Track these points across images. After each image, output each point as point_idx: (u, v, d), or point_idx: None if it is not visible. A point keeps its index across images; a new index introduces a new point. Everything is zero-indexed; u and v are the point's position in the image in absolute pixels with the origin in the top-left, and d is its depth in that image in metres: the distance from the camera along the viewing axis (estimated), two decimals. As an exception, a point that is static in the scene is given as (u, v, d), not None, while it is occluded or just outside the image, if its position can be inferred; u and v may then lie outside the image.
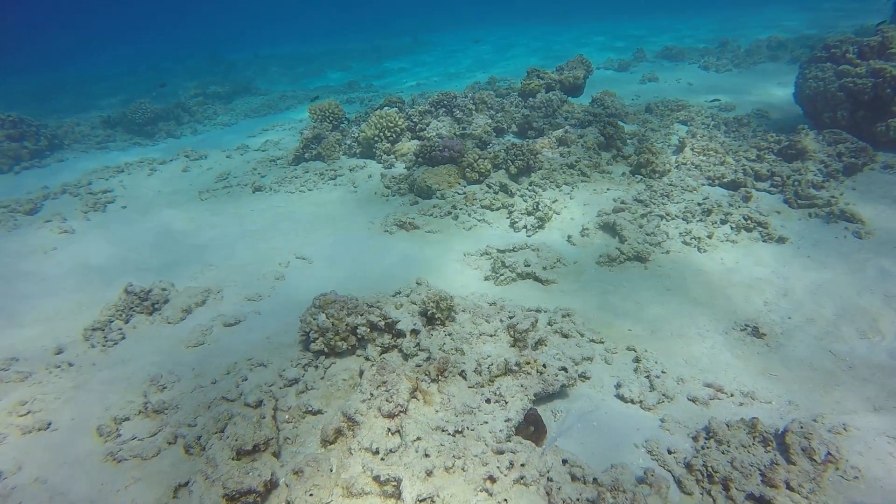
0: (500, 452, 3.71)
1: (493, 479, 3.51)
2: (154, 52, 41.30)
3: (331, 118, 12.86)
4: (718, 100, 13.86)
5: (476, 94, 12.56)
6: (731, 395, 4.79)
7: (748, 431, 4.01)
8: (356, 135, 11.87)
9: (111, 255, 8.65)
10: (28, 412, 5.02)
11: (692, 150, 9.90)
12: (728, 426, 4.09)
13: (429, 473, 3.56)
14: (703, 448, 4.01)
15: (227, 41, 45.60)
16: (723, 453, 3.88)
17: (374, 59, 33.58)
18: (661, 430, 4.33)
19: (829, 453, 3.73)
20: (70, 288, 7.65)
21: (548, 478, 3.53)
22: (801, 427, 3.84)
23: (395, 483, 3.49)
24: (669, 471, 3.94)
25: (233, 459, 3.84)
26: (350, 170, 11.04)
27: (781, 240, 7.39)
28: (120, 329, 6.30)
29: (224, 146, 14.63)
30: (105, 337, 6.13)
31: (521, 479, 3.51)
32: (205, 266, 7.94)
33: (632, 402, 4.68)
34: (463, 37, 39.02)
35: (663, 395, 4.75)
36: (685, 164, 9.46)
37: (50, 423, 4.85)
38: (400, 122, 11.51)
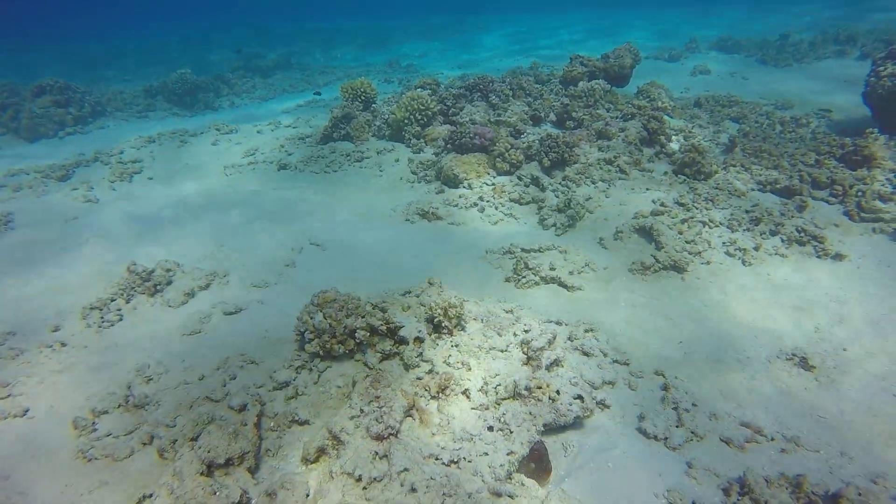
0: (497, 495, 3.23)
1: (485, 528, 3.04)
2: (205, 22, 41.53)
3: (362, 98, 12.39)
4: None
5: (514, 79, 11.89)
6: (772, 439, 4.18)
7: (792, 491, 3.42)
8: (386, 116, 11.39)
9: (128, 228, 8.45)
10: (9, 395, 4.78)
11: (743, 150, 9.08)
12: (767, 482, 3.51)
13: (413, 513, 3.11)
14: (735, 505, 3.45)
15: (275, 14, 45.56)
16: (759, 516, 3.31)
17: (419, 38, 32.91)
18: (686, 477, 3.78)
19: (891, 530, 3.12)
20: (83, 260, 7.46)
21: (549, 532, 3.04)
22: (860, 494, 3.24)
23: (373, 524, 3.06)
24: (694, 529, 3.40)
25: (201, 475, 3.47)
26: (377, 152, 10.60)
27: (839, 257, 6.62)
28: (119, 310, 6.03)
29: (258, 120, 14.39)
30: (102, 317, 5.87)
31: (518, 530, 3.03)
32: (216, 246, 7.64)
33: (655, 438, 4.12)
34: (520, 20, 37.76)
35: (692, 432, 4.19)
36: (734, 165, 8.66)
37: (27, 410, 4.59)
38: (432, 106, 10.95)
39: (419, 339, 4.63)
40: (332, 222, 8.20)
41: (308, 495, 3.41)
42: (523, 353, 4.45)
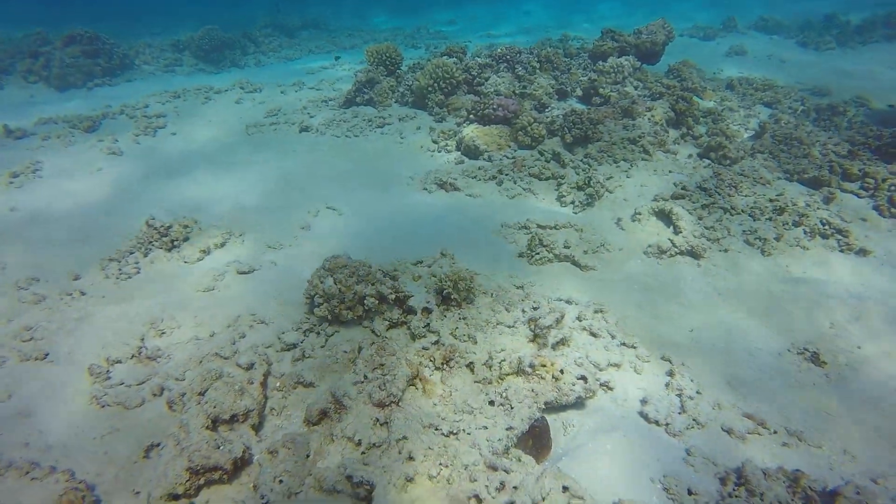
0: (493, 468, 3.27)
1: (478, 499, 3.09)
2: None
3: (387, 62, 12.21)
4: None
5: (542, 51, 11.61)
6: (775, 432, 4.15)
7: (789, 485, 3.41)
8: (410, 83, 11.24)
9: (150, 182, 8.54)
10: (31, 338, 4.93)
11: (773, 137, 8.81)
12: (765, 474, 3.50)
13: (409, 480, 3.17)
14: (730, 495, 3.45)
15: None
16: (753, 507, 3.32)
17: (454, 4, 32.08)
18: (684, 464, 3.78)
19: (886, 531, 3.11)
20: (105, 211, 7.59)
21: (542, 507, 3.08)
22: (858, 493, 3.22)
23: (368, 487, 3.12)
24: (687, 515, 3.42)
25: (206, 429, 3.57)
26: (399, 119, 10.51)
27: (863, 252, 6.46)
28: (136, 263, 6.14)
29: (282, 80, 14.32)
30: (120, 269, 5.98)
31: (511, 504, 3.07)
32: (234, 206, 7.70)
33: (657, 423, 4.12)
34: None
35: (694, 420, 4.17)
36: (762, 152, 8.43)
37: (48, 354, 4.74)
38: (457, 74, 10.77)
39: (427, 310, 4.65)
40: (349, 187, 8.18)
41: (308, 456, 3.49)
42: (530, 330, 4.45)
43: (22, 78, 15.02)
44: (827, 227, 6.74)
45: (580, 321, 5.04)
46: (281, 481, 3.32)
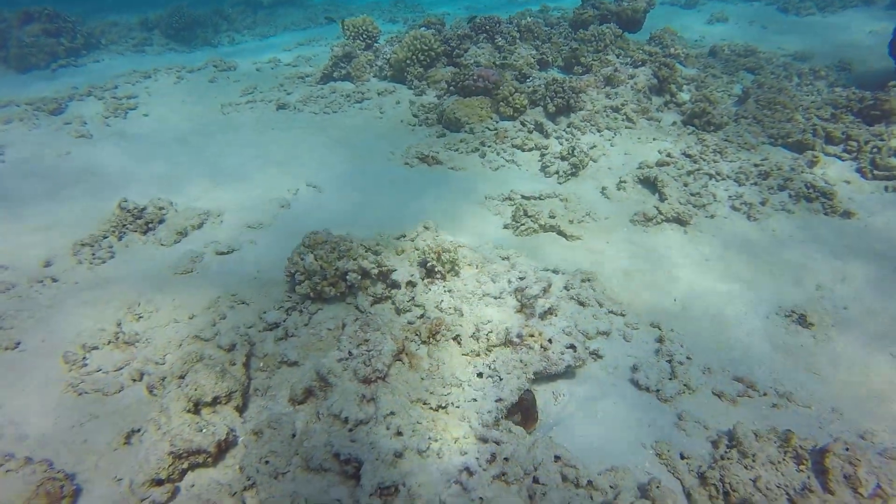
0: (484, 440, 3.21)
1: (469, 472, 3.03)
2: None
3: (364, 36, 11.89)
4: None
5: (522, 21, 11.37)
6: (764, 394, 4.15)
7: (780, 445, 3.40)
8: (388, 56, 10.96)
9: (122, 165, 8.26)
10: (0, 328, 4.75)
11: (757, 102, 8.74)
12: (756, 436, 3.48)
13: (398, 456, 3.10)
14: (722, 457, 3.43)
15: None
16: (746, 468, 3.30)
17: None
18: (676, 428, 3.76)
19: (879, 485, 3.10)
20: (76, 195, 7.32)
21: (534, 477, 3.03)
22: (847, 449, 3.21)
23: (356, 464, 3.04)
24: (679, 479, 3.40)
25: (188, 412, 3.45)
26: (378, 94, 10.27)
27: (847, 214, 6.46)
28: (111, 247, 5.95)
29: (257, 58, 13.91)
30: (93, 254, 5.79)
31: (503, 475, 3.02)
32: (211, 185, 7.48)
33: (647, 390, 4.09)
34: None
35: (685, 385, 4.15)
36: (746, 117, 8.36)
37: (19, 343, 4.57)
38: (436, 46, 10.51)
39: (411, 284, 4.55)
40: (329, 164, 7.99)
41: (294, 435, 3.40)
42: (517, 300, 4.37)
43: (-24, 59, 14.38)
44: (812, 190, 6.72)
45: (567, 290, 4.98)
46: (267, 462, 3.23)
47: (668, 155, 7.33)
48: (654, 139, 7.87)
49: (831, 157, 7.51)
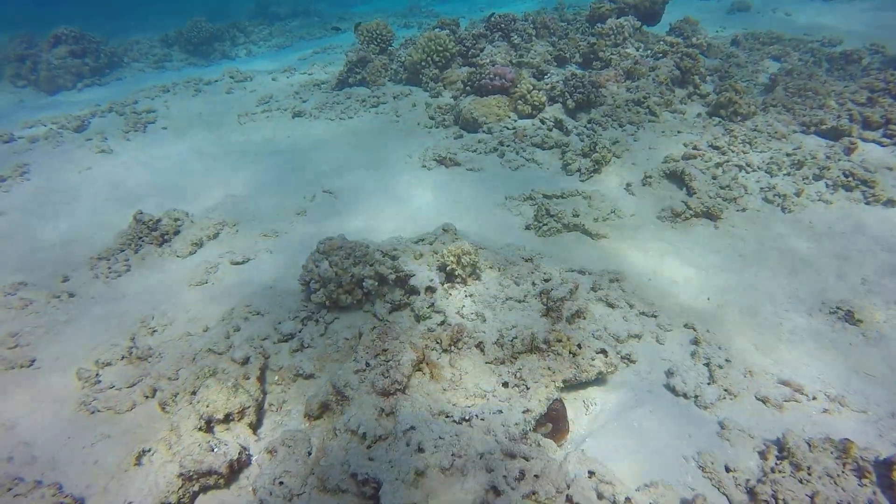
0: (511, 456, 2.98)
1: (497, 492, 2.80)
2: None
3: (378, 40, 11.79)
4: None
5: (538, 17, 11.13)
6: (814, 398, 3.84)
7: (837, 455, 3.10)
8: (403, 59, 10.82)
9: (142, 178, 8.25)
10: (16, 345, 4.68)
11: (785, 89, 8.37)
12: (810, 445, 3.19)
13: (419, 474, 2.89)
14: (773, 470, 3.15)
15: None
16: (801, 482, 3.01)
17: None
18: (719, 438, 3.48)
19: (951, 501, 2.79)
20: (95, 210, 7.31)
21: (567, 496, 2.79)
22: (914, 460, 2.90)
23: (375, 485, 2.84)
24: (727, 495, 3.12)
25: (200, 430, 3.29)
26: (394, 97, 10.14)
27: (891, 203, 6.09)
28: (126, 260, 5.87)
29: (273, 68, 13.93)
30: (109, 268, 5.72)
31: (533, 495, 2.79)
32: (227, 196, 7.39)
33: (685, 396, 3.82)
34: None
35: (725, 390, 3.87)
36: (775, 105, 7.99)
37: (34, 361, 4.48)
38: (450, 46, 10.33)
39: (431, 289, 4.34)
40: (346, 170, 7.86)
41: (310, 453, 3.22)
42: (542, 303, 4.13)
43: (10, 83, 14.70)
44: (850, 178, 6.35)
45: (595, 291, 4.72)
46: (281, 483, 3.05)
47: (695, 147, 7.02)
48: (678, 132, 7.56)
49: (870, 142, 7.12)
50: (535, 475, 2.85)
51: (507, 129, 8.13)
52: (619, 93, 8.36)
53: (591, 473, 2.95)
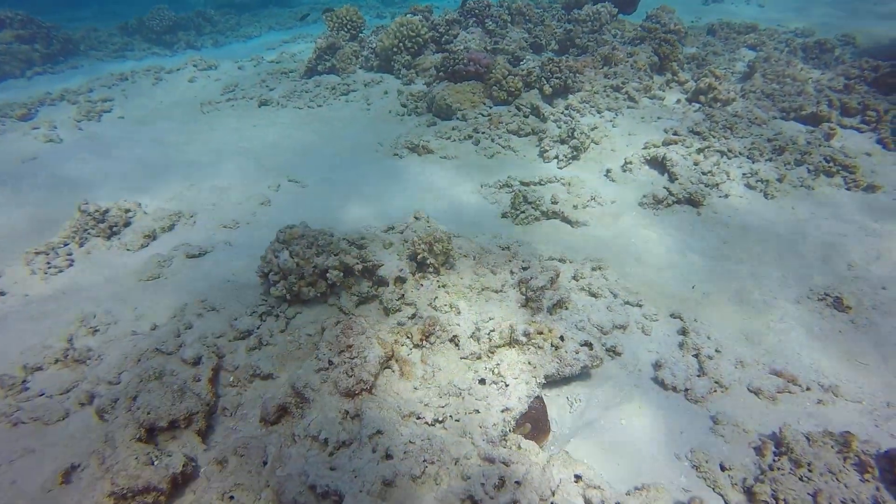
0: (490, 461, 2.67)
1: (474, 501, 2.49)
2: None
3: (349, 27, 11.36)
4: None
5: (514, 3, 10.85)
6: (808, 389, 3.63)
7: (838, 450, 2.88)
8: (374, 45, 10.42)
9: (93, 169, 7.68)
10: (-67, 350, 4.19)
11: (763, 76, 8.25)
12: (809, 440, 2.96)
13: (387, 484, 2.56)
14: (771, 468, 2.91)
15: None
16: (802, 480, 2.77)
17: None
18: (712, 434, 3.23)
19: (965, 497, 2.58)
20: (37, 202, 6.76)
21: (552, 503, 2.50)
22: (923, 454, 2.68)
23: (336, 497, 2.51)
24: (722, 496, 2.87)
25: (139, 440, 2.91)
26: (365, 85, 9.75)
27: (872, 188, 5.96)
28: (69, 254, 5.39)
29: (240, 57, 13.37)
30: (48, 263, 5.23)
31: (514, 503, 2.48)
32: (185, 186, 6.93)
33: (674, 389, 3.57)
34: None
35: (716, 382, 3.63)
36: (754, 92, 7.86)
37: (-47, 367, 4.01)
38: (423, 32, 9.97)
39: (401, 280, 4.01)
40: (313, 159, 7.47)
41: (265, 463, 2.86)
42: (521, 293, 3.84)
43: (-52, 68, 13.82)
44: (831, 163, 6.22)
45: (577, 280, 4.45)
46: (231, 497, 2.69)
47: (675, 133, 6.82)
48: (658, 118, 7.36)
49: (848, 129, 7.02)
50: (516, 482, 2.55)
51: (482, 115, 7.83)
52: (597, 79, 8.13)
53: (578, 478, 2.67)
